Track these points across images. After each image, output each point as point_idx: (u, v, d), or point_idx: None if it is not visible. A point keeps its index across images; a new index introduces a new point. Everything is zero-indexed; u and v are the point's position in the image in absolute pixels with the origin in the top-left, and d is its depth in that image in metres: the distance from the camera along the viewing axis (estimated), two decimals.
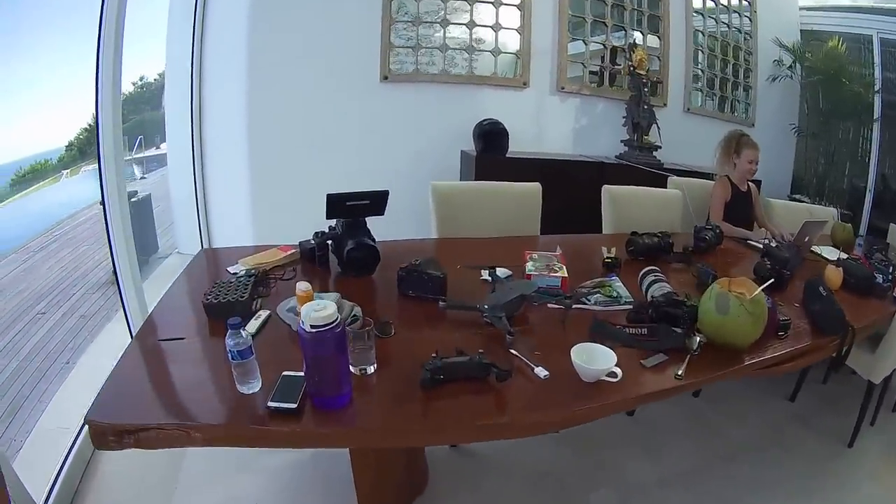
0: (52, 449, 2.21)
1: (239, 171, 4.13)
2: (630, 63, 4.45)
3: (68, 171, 4.55)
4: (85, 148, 4.39)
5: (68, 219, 4.81)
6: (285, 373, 1.41)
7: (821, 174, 5.84)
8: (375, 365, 1.48)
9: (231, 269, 2.10)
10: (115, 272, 2.94)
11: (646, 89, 4.45)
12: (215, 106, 4.15)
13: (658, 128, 4.45)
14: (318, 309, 1.23)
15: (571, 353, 1.47)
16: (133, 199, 4.38)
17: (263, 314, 1.75)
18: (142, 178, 6.80)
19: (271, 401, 1.32)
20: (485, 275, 2.01)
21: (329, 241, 2.09)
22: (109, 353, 1.60)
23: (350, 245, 1.95)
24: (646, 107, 4.43)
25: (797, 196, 5.53)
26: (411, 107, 4.23)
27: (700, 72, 5.09)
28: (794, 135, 5.65)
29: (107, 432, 1.25)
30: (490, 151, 4.05)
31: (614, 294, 1.98)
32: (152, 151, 6.06)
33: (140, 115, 6.21)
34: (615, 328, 1.70)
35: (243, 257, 2.16)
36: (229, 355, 1.35)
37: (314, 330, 1.22)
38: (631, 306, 1.87)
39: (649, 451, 2.58)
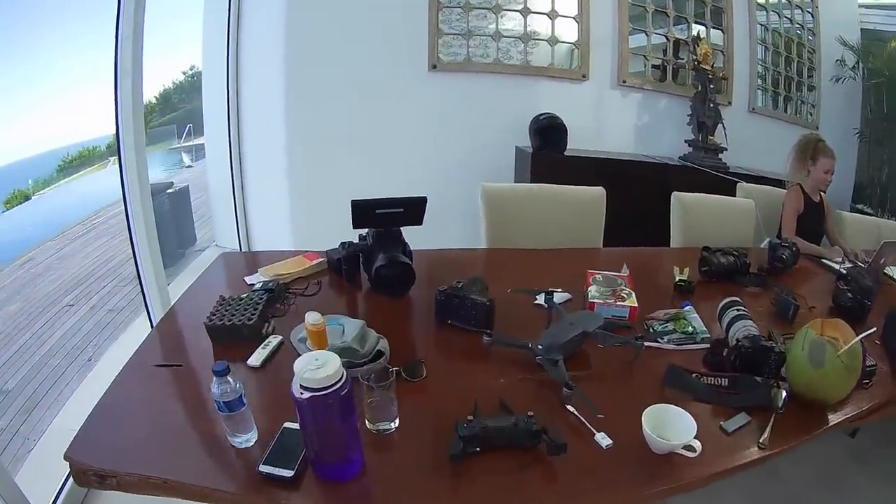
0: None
1: (277, 166, 3.90)
2: (694, 57, 4.09)
3: (114, 157, 4.47)
4: None
5: (108, 207, 4.69)
6: (287, 424, 1.14)
7: (884, 183, 5.28)
8: (398, 421, 1.18)
9: (248, 280, 1.85)
10: (137, 272, 2.75)
11: (711, 86, 4.08)
12: (252, 98, 3.92)
13: (724, 128, 4.09)
14: (316, 365, 0.93)
15: (643, 421, 1.16)
16: (170, 191, 4.24)
17: (274, 341, 1.48)
18: (188, 166, 6.77)
19: (263, 464, 1.05)
20: (539, 299, 1.70)
21: (359, 253, 1.80)
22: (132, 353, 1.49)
23: (380, 261, 1.67)
24: (711, 105, 4.08)
25: (860, 206, 5.06)
26: (462, 98, 3.92)
27: (764, 69, 4.66)
28: (856, 140, 5.15)
29: (87, 471, 1.10)
30: (547, 148, 3.73)
31: (690, 329, 1.64)
32: (201, 140, 6.07)
33: (191, 103, 6.21)
34: (692, 378, 1.38)
35: (265, 265, 1.90)
36: (215, 405, 1.08)
37: (309, 395, 0.92)
38: (707, 345, 1.55)
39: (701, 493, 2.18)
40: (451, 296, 1.55)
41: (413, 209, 1.71)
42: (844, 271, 2.09)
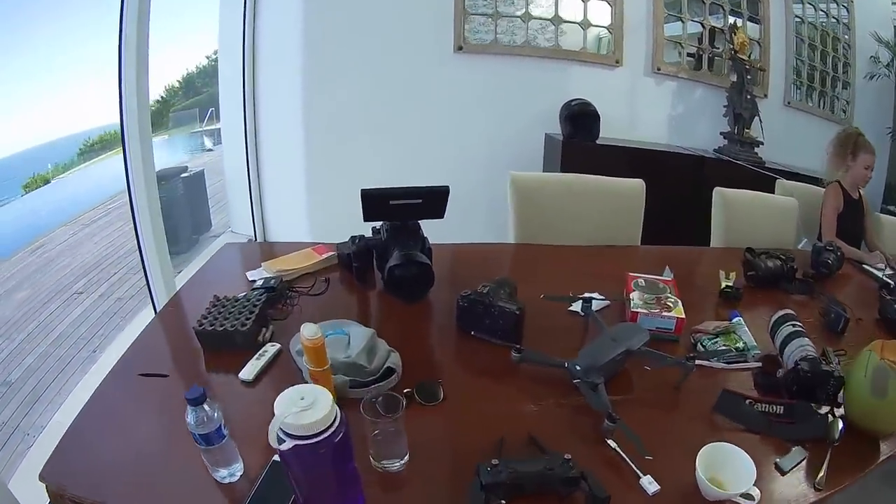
0: None
1: (293, 152, 3.71)
2: (731, 46, 3.85)
3: None
4: (156, 118, 4.46)
5: (124, 192, 4.55)
6: (277, 458, 0.94)
7: None
8: (407, 457, 0.99)
9: (250, 275, 1.66)
10: (142, 264, 2.60)
11: (748, 76, 3.85)
12: (269, 81, 3.73)
13: (760, 121, 3.86)
14: (301, 406, 0.72)
15: (697, 465, 0.96)
16: (184, 175, 4.08)
17: (271, 350, 1.30)
18: (209, 149, 6.68)
19: None
20: (575, 307, 1.49)
21: (372, 249, 1.59)
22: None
23: (394, 260, 1.46)
24: (749, 96, 3.84)
25: (890, 208, 4.75)
26: (489, 82, 3.69)
27: (799, 62, 4.39)
28: (889, 139, 4.83)
29: (63, 495, 0.98)
30: (578, 136, 3.51)
31: (741, 345, 1.41)
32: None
33: (213, 87, 6.16)
34: (746, 405, 1.18)
35: (270, 258, 1.71)
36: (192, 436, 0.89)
37: (294, 443, 0.72)
38: (759, 364, 1.35)
39: None
40: (475, 302, 1.35)
41: (433, 200, 1.49)
42: (890, 280, 1.93)
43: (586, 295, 1.55)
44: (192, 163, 5.03)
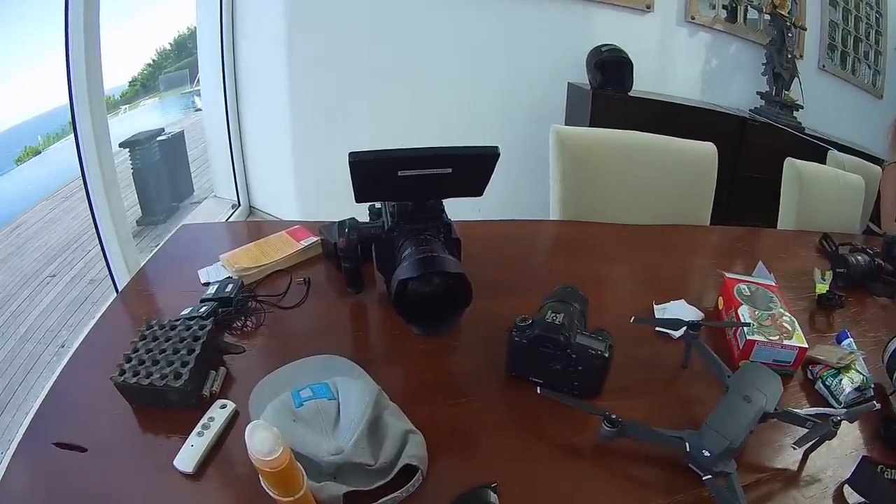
0: None
1: (277, 103, 3.08)
2: (770, 0, 3.33)
3: (128, 105, 4.08)
4: (148, 83, 4.19)
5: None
6: None
7: None
8: None
9: (202, 274, 1.11)
10: (102, 249, 2.07)
11: (789, 34, 3.34)
12: (249, 21, 3.08)
13: (800, 83, 3.35)
14: None
15: None
16: (161, 138, 3.50)
17: (220, 415, 0.77)
18: (198, 109, 6.28)
19: None
20: (674, 333, 0.97)
21: (371, 243, 0.98)
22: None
23: (407, 268, 0.83)
24: (789, 56, 3.37)
25: None
26: (504, 23, 3.06)
27: (833, 25, 3.83)
28: None
29: None
30: (609, 86, 2.98)
31: (860, 380, 0.90)
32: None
33: None
34: (883, 478, 0.76)
35: (230, 249, 1.16)
36: None
37: None
38: (878, 405, 0.86)
39: None
40: (541, 339, 0.80)
41: (472, 170, 0.89)
42: None
43: (672, 304, 1.07)
44: (182, 123, 4.53)
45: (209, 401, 0.81)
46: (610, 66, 3.00)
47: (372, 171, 0.83)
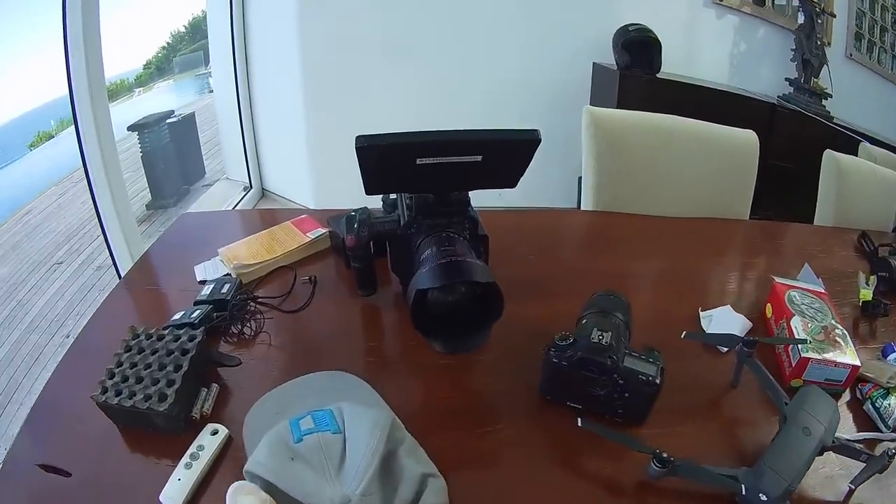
0: None
1: (290, 81, 2.92)
2: None
3: (142, 88, 4.01)
4: (163, 65, 4.15)
5: (120, 141, 3.94)
6: None
7: None
8: None
9: (198, 272, 1.00)
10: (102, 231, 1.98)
11: (819, 21, 3.19)
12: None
13: (829, 71, 3.19)
14: None
15: None
16: (171, 120, 3.37)
17: (210, 443, 0.67)
18: (212, 91, 6.20)
19: None
20: (721, 347, 0.86)
21: (385, 241, 0.86)
22: None
23: (426, 276, 0.69)
24: (818, 42, 3.23)
25: None
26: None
27: (861, 12, 3.66)
28: None
29: None
30: (637, 67, 2.85)
31: None
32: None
33: None
34: None
35: (232, 241, 1.04)
36: None
37: None
38: None
39: None
40: (585, 362, 0.68)
41: (506, 157, 0.75)
42: None
43: (718, 311, 0.95)
44: (196, 104, 4.44)
45: (200, 423, 0.70)
46: (638, 47, 2.86)
47: (385, 159, 0.69)
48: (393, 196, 0.88)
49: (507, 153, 0.73)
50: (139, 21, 3.62)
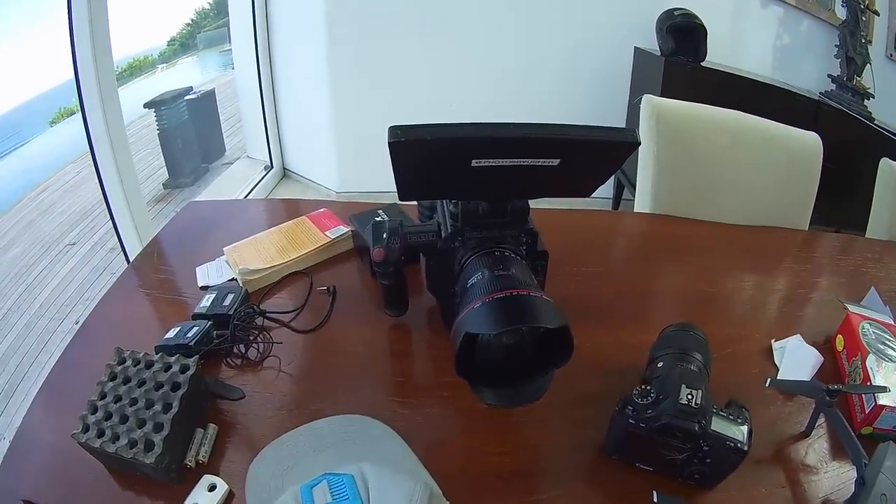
0: None
1: (314, 55, 2.77)
2: None
3: (165, 64, 4.05)
4: (187, 41, 4.18)
5: (139, 119, 3.87)
6: None
7: None
8: None
9: (199, 275, 0.87)
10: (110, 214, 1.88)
11: (864, 18, 3.04)
12: None
13: (872, 70, 3.05)
14: None
15: None
16: (189, 97, 3.27)
17: (205, 501, 0.55)
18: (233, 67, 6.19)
19: None
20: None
21: (419, 253, 0.69)
22: None
23: (481, 310, 0.52)
24: (863, 40, 3.09)
25: None
26: None
27: None
28: None
29: None
30: (681, 55, 2.71)
31: None
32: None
33: None
34: None
35: (242, 236, 0.92)
36: None
37: None
38: None
39: None
40: (669, 428, 0.54)
41: (590, 162, 0.60)
42: None
43: (791, 342, 0.84)
44: (220, 80, 4.38)
45: (195, 473, 0.58)
46: (683, 33, 2.72)
47: (430, 159, 0.54)
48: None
49: (593, 157, 0.58)
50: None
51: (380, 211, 0.85)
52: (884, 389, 0.73)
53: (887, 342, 0.82)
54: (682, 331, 0.69)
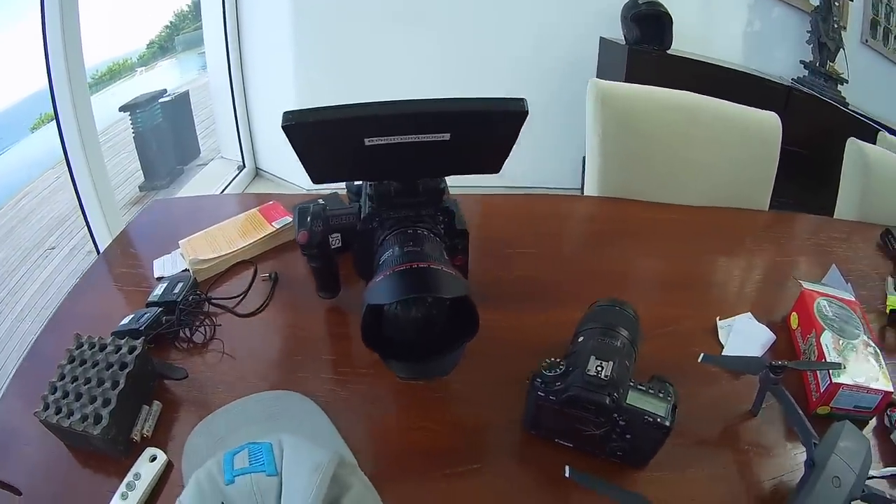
0: None
1: (283, 58, 2.82)
2: None
3: (144, 67, 3.97)
4: (165, 44, 4.09)
5: (118, 123, 3.88)
6: None
7: None
8: None
9: (158, 268, 0.91)
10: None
11: (836, 3, 3.08)
12: None
13: (845, 55, 3.08)
14: None
15: None
16: (163, 100, 3.29)
17: (147, 470, 0.60)
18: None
19: None
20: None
21: (340, 235, 0.72)
22: None
23: (384, 281, 0.56)
24: (835, 25, 3.12)
25: None
26: None
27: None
28: None
29: None
30: (646, 43, 2.72)
31: None
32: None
33: None
34: None
35: (196, 230, 0.95)
36: None
37: None
38: None
39: None
40: (577, 401, 0.57)
41: (483, 135, 0.62)
42: None
43: (738, 320, 0.85)
44: (197, 82, 4.39)
45: (140, 447, 0.63)
46: (648, 21, 2.73)
47: (324, 140, 0.57)
48: (359, 182, 0.77)
49: (484, 129, 0.60)
50: (142, 2, 3.58)
51: (320, 200, 0.90)
52: (837, 366, 0.72)
53: (848, 320, 0.81)
54: (609, 306, 0.70)
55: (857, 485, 0.55)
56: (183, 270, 0.89)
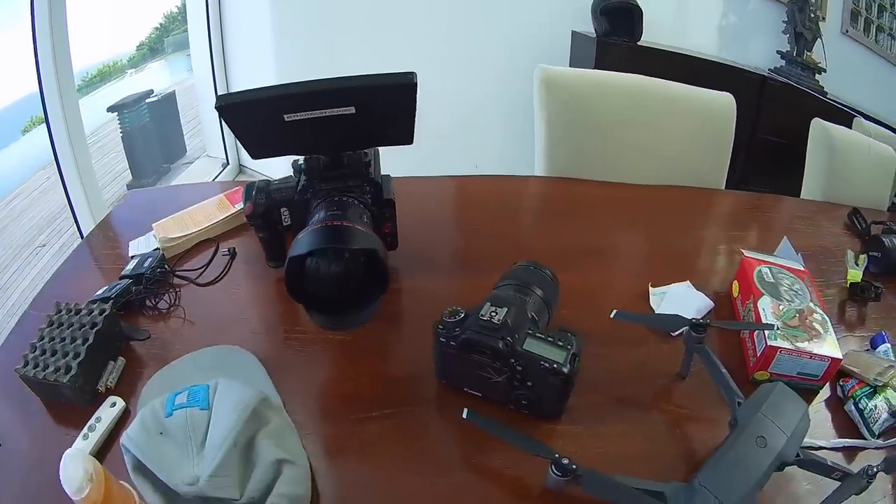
0: None
1: (264, 51, 2.95)
2: None
3: (134, 69, 3.94)
4: (155, 46, 4.05)
5: (107, 124, 3.94)
6: None
7: None
8: None
9: (133, 248, 0.99)
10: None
11: None
12: None
13: (823, 45, 3.10)
14: None
15: None
16: (150, 100, 3.37)
17: (107, 415, 0.68)
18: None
19: None
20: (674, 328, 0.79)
21: (280, 208, 0.80)
22: None
23: (304, 237, 0.66)
24: (812, 15, 3.14)
25: None
26: None
27: None
28: None
29: None
30: (616, 35, 2.76)
31: None
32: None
33: None
34: None
35: (170, 214, 1.03)
36: None
37: None
38: None
39: None
40: (473, 344, 0.62)
41: (384, 108, 0.70)
42: None
43: (673, 288, 0.88)
44: (186, 83, 4.45)
45: (105, 396, 0.71)
46: (617, 13, 2.76)
47: (252, 119, 0.66)
48: (300, 160, 0.84)
49: (381, 101, 0.68)
50: (132, 5, 3.60)
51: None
52: (770, 327, 0.72)
53: (791, 287, 0.81)
54: (526, 267, 0.74)
55: (790, 448, 0.55)
56: (154, 249, 0.97)
